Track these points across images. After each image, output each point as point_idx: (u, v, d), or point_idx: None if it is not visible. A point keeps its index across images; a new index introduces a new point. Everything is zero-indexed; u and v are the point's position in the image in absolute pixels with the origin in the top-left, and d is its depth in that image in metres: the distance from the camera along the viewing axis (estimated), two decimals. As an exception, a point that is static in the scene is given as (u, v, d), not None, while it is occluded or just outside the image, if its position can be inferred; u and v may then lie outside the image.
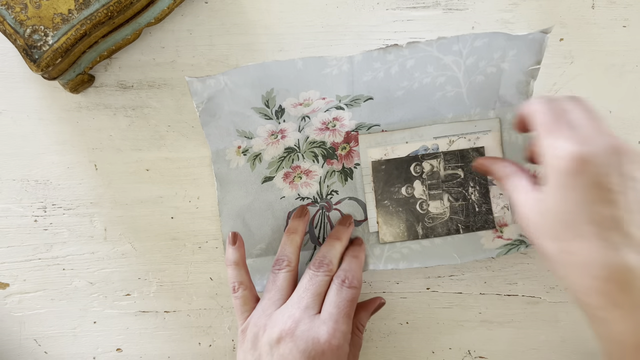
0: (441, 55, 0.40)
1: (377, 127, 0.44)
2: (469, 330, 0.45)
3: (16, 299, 0.45)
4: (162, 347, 0.45)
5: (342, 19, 0.45)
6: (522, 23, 0.45)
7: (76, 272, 0.45)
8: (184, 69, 0.44)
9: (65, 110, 0.44)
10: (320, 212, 0.44)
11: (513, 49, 0.41)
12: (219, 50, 0.44)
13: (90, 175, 0.45)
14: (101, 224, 0.45)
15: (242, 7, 0.45)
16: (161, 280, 0.45)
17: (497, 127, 0.44)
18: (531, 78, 0.42)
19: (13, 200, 0.44)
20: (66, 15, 0.38)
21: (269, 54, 0.45)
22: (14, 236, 0.45)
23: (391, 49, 0.40)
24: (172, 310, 0.45)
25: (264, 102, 0.41)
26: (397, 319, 0.45)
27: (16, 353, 0.45)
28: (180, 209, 0.45)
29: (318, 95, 0.41)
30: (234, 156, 0.43)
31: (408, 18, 0.45)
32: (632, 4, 0.45)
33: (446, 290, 0.45)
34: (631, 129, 0.45)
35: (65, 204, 0.45)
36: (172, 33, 0.44)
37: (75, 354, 0.45)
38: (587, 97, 0.44)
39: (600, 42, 0.45)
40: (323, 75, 0.40)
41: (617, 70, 0.45)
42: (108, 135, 0.45)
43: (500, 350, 0.45)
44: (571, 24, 0.45)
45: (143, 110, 0.45)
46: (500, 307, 0.45)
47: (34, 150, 0.44)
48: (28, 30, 0.38)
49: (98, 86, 0.44)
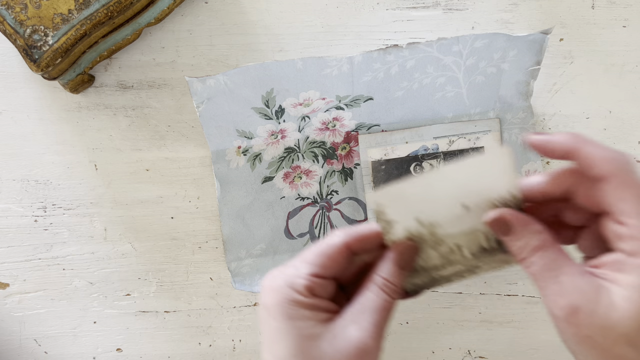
0: (441, 55, 0.40)
1: (377, 127, 0.44)
2: (469, 330, 0.45)
3: (16, 299, 0.45)
4: (162, 347, 0.45)
5: (342, 19, 0.45)
6: (522, 23, 0.45)
7: (76, 272, 0.45)
8: (184, 69, 0.44)
9: (66, 110, 0.44)
10: (320, 212, 0.44)
11: (513, 49, 0.41)
12: (219, 51, 0.44)
13: (91, 175, 0.45)
14: (101, 224, 0.45)
15: (242, 8, 0.45)
16: (161, 280, 0.45)
17: (497, 127, 0.44)
18: (531, 78, 0.42)
19: (13, 200, 0.44)
20: (66, 15, 0.38)
21: (269, 54, 0.45)
22: (14, 236, 0.45)
23: (391, 49, 0.39)
24: (172, 310, 0.45)
25: (264, 102, 0.41)
26: (397, 319, 0.45)
27: (16, 353, 0.45)
28: (180, 209, 0.45)
29: (318, 96, 0.41)
30: (234, 156, 0.43)
31: (408, 18, 0.45)
32: (632, 4, 0.45)
33: (446, 290, 0.45)
34: (631, 129, 0.45)
35: (66, 204, 0.45)
36: (172, 33, 0.44)
37: (75, 354, 0.45)
38: (586, 97, 0.45)
39: (600, 42, 0.45)
40: (323, 76, 0.40)
41: (617, 70, 0.45)
42: (108, 135, 0.45)
43: (500, 350, 0.45)
44: (571, 24, 0.45)
45: (143, 111, 0.45)
46: (500, 307, 0.45)
47: (34, 150, 0.44)
48: (28, 30, 0.38)
49: (98, 86, 0.44)
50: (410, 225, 0.27)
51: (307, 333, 0.26)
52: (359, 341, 0.26)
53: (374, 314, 0.27)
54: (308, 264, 0.28)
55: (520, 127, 0.44)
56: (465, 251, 0.28)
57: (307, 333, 0.26)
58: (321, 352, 0.26)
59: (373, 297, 0.27)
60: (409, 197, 0.27)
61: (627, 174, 0.24)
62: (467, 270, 0.28)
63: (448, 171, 0.26)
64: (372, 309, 0.27)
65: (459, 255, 0.28)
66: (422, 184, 0.27)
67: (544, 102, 0.45)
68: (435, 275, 0.29)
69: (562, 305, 0.24)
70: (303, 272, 0.27)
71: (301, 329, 0.26)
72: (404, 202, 0.27)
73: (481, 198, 0.26)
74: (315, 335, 0.26)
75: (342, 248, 0.28)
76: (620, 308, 0.23)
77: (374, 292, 0.27)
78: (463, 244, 0.27)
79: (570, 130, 0.45)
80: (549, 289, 0.25)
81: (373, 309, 0.27)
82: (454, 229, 0.27)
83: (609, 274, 0.24)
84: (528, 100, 0.43)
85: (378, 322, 0.27)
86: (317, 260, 0.28)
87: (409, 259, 0.28)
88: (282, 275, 0.28)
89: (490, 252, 0.28)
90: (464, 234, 0.27)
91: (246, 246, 0.43)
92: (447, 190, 0.27)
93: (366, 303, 0.27)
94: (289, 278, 0.27)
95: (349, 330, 0.26)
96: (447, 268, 0.28)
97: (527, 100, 0.43)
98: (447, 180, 0.26)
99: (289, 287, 0.27)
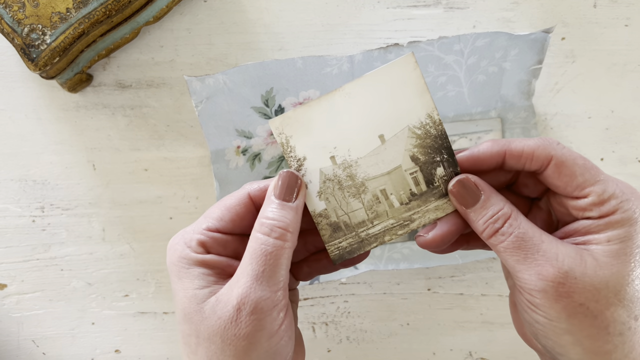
0: (442, 54, 0.40)
1: (378, 126, 0.43)
2: (470, 332, 0.45)
3: (14, 300, 0.45)
4: (160, 348, 0.45)
5: (343, 17, 0.44)
6: (523, 22, 0.45)
7: (74, 272, 0.44)
8: (183, 68, 0.44)
9: (64, 109, 0.44)
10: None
11: (515, 48, 0.40)
12: (218, 49, 0.44)
13: (89, 175, 0.44)
14: (99, 225, 0.44)
15: (242, 6, 0.44)
16: (160, 281, 0.45)
17: (498, 126, 0.43)
18: (533, 77, 0.42)
19: (11, 201, 0.44)
20: (64, 14, 0.38)
21: (268, 53, 0.44)
22: (11, 236, 0.44)
23: (392, 48, 0.39)
24: (171, 311, 0.45)
25: (264, 102, 0.41)
26: (398, 320, 0.45)
27: (14, 354, 0.45)
28: (179, 209, 0.44)
29: (318, 95, 0.41)
30: (233, 156, 0.43)
31: (409, 17, 0.44)
32: (634, 3, 0.44)
33: (447, 291, 0.45)
34: (633, 129, 0.45)
35: (64, 204, 0.44)
36: (171, 32, 0.44)
37: (73, 355, 0.45)
38: (588, 96, 0.44)
39: (602, 41, 0.44)
40: (323, 75, 0.40)
41: (619, 70, 0.45)
42: (106, 134, 0.44)
43: (501, 352, 0.45)
44: (573, 23, 0.45)
45: (142, 110, 0.44)
46: (502, 308, 0.45)
47: (32, 150, 0.44)
48: (26, 29, 0.38)
49: (96, 85, 0.44)
50: (324, 166, 0.24)
51: (191, 294, 0.23)
52: (239, 300, 0.22)
53: (252, 263, 0.22)
54: (206, 218, 0.25)
55: (522, 127, 0.44)
56: (393, 199, 0.24)
57: (191, 294, 0.23)
58: (204, 317, 0.22)
59: (250, 244, 0.23)
60: (316, 126, 0.23)
61: (562, 152, 0.24)
62: (398, 224, 0.25)
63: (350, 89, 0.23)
64: (249, 260, 0.23)
65: (387, 205, 0.24)
66: (327, 108, 0.23)
67: (546, 101, 0.45)
68: (364, 235, 0.25)
69: (551, 274, 0.22)
70: (199, 227, 0.25)
71: (187, 290, 0.23)
72: (311, 132, 0.23)
73: (396, 124, 0.23)
74: (199, 297, 0.23)
75: (243, 198, 0.25)
76: (607, 264, 0.22)
77: (251, 240, 0.23)
78: (389, 189, 0.24)
79: (573, 129, 0.45)
80: (530, 262, 0.23)
81: (250, 259, 0.23)
82: (375, 170, 0.24)
83: (584, 239, 0.24)
84: (530, 99, 0.43)
85: (258, 270, 0.22)
86: (216, 214, 0.25)
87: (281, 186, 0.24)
88: (182, 232, 0.25)
89: (422, 197, 0.24)
90: (387, 176, 0.24)
91: (245, 247, 0.43)
92: (357, 117, 0.23)
93: (245, 256, 0.23)
94: (186, 234, 0.25)
95: (231, 292, 0.22)
96: (375, 224, 0.25)
97: (528, 100, 0.43)
98: (353, 104, 0.23)
99: (184, 243, 0.24)
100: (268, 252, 0.22)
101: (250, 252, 0.23)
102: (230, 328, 0.22)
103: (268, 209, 0.23)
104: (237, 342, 0.22)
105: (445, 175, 0.24)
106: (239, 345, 0.22)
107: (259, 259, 0.22)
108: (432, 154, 0.23)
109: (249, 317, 0.22)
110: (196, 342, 0.22)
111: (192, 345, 0.22)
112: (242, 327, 0.22)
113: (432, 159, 0.23)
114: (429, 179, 0.24)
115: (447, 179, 0.24)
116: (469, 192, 0.23)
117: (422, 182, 0.24)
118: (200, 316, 0.22)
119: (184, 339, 0.23)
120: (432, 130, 0.23)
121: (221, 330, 0.22)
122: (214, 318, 0.22)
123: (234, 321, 0.22)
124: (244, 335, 0.22)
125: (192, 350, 0.22)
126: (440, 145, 0.23)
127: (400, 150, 0.23)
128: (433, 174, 0.24)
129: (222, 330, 0.22)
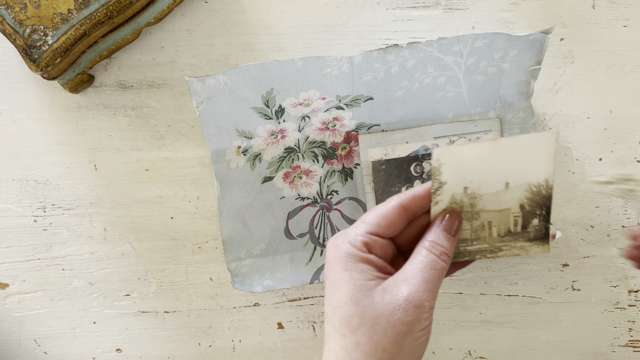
0: (442, 55, 0.40)
1: (377, 127, 0.44)
2: (470, 331, 0.45)
3: (16, 299, 0.45)
4: (161, 348, 0.45)
5: (342, 18, 0.45)
6: (522, 23, 0.45)
7: (76, 272, 0.45)
8: (184, 69, 0.44)
9: (65, 110, 0.44)
10: (320, 212, 0.44)
11: (514, 49, 0.41)
12: (219, 50, 0.44)
13: (90, 175, 0.45)
14: (101, 224, 0.45)
15: (242, 7, 0.44)
16: (161, 280, 0.45)
17: (497, 127, 0.44)
18: (532, 78, 0.42)
19: (13, 200, 0.44)
20: (66, 15, 0.38)
21: (268, 54, 0.45)
22: (13, 236, 0.45)
23: (391, 49, 0.39)
24: (172, 311, 0.45)
25: (264, 102, 0.41)
26: (397, 319, 0.45)
27: (16, 353, 0.45)
28: (180, 209, 0.45)
29: (318, 95, 0.41)
30: (233, 156, 0.43)
31: (408, 18, 0.45)
32: (633, 3, 0.45)
33: (446, 291, 0.45)
34: (632, 129, 0.45)
35: (65, 204, 0.44)
36: (171, 33, 0.44)
37: (74, 354, 0.45)
38: (587, 97, 0.45)
39: (601, 41, 0.45)
40: (323, 75, 0.40)
41: (618, 70, 0.45)
42: (108, 135, 0.44)
43: (500, 351, 0.45)
44: (572, 24, 0.45)
45: (143, 110, 0.44)
46: (501, 307, 0.45)
47: (33, 150, 0.44)
48: (27, 30, 0.38)
49: (98, 86, 0.44)
50: (456, 192, 0.29)
51: (361, 284, 0.28)
52: (409, 294, 0.27)
53: (422, 271, 0.28)
54: (366, 224, 0.30)
55: (520, 127, 0.44)
56: (494, 230, 0.30)
57: (361, 284, 0.28)
58: (373, 302, 0.27)
59: (421, 258, 0.29)
60: (465, 162, 0.29)
61: None
62: (489, 250, 0.31)
63: (502, 144, 0.28)
64: (420, 268, 0.28)
65: (487, 233, 0.30)
66: (479, 152, 0.29)
67: (545, 102, 0.45)
68: (462, 249, 0.31)
69: None
70: (361, 230, 0.29)
71: (356, 280, 0.28)
72: (460, 166, 0.29)
73: (521, 179, 0.29)
74: (368, 286, 0.28)
75: (397, 207, 0.30)
76: None
77: (422, 254, 0.29)
78: (494, 222, 0.30)
79: (572, 130, 0.45)
80: None
81: (421, 268, 0.28)
82: (491, 206, 0.30)
83: None
84: (529, 100, 0.43)
85: (427, 279, 0.28)
86: (374, 220, 0.30)
87: (453, 224, 0.30)
88: (343, 235, 0.30)
89: (515, 236, 0.30)
90: (497, 212, 0.30)
91: (246, 246, 0.43)
92: (497, 164, 0.29)
93: (415, 263, 0.29)
94: (349, 236, 0.29)
95: (399, 287, 0.28)
96: (474, 244, 0.31)
97: (527, 100, 0.43)
98: (499, 154, 0.29)
99: (349, 242, 0.29)
100: (437, 268, 0.28)
101: (423, 264, 0.28)
102: (397, 314, 0.27)
103: (440, 236, 0.29)
104: (400, 326, 0.27)
105: (537, 225, 0.30)
106: (400, 330, 0.27)
107: (430, 271, 0.28)
108: (536, 207, 0.30)
109: (414, 309, 0.27)
110: (359, 322, 0.27)
111: (354, 324, 0.27)
112: (407, 315, 0.27)
113: (534, 211, 0.30)
114: (525, 224, 0.30)
115: (538, 229, 0.30)
116: None
117: (519, 225, 0.30)
118: (369, 300, 0.27)
119: (344, 319, 0.28)
120: (543, 191, 0.29)
121: (388, 314, 0.27)
122: (382, 303, 0.27)
123: (402, 309, 0.27)
124: (407, 322, 0.27)
125: (351, 329, 0.27)
126: (544, 204, 0.29)
127: (515, 198, 0.29)
128: (530, 222, 0.30)
129: (389, 313, 0.27)
